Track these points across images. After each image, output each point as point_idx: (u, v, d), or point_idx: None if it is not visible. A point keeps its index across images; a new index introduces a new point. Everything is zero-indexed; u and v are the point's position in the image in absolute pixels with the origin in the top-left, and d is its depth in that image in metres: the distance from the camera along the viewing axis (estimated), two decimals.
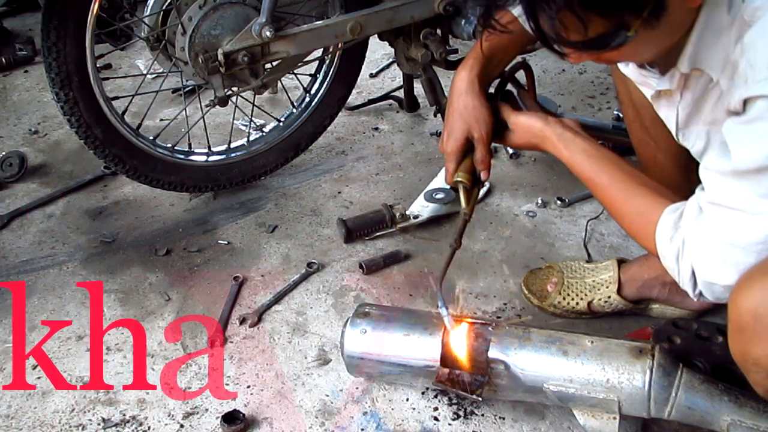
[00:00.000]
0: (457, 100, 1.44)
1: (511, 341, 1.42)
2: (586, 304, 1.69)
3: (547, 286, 1.75)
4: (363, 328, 1.48)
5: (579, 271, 1.74)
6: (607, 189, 1.29)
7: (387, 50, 2.90)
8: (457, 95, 1.44)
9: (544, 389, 1.38)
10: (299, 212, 2.15)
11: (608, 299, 1.68)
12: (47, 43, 1.74)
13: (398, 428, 1.49)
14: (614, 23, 1.03)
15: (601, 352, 1.37)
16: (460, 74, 1.45)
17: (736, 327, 1.09)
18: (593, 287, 1.70)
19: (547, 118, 1.39)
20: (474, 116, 1.42)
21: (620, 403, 1.33)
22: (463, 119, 1.42)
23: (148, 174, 2.00)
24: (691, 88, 1.25)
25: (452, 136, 1.44)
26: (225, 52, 1.81)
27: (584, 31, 1.03)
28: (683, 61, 1.17)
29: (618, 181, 1.28)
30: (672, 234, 1.17)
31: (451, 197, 2.10)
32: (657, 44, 1.13)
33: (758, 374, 1.12)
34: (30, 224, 2.13)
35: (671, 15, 1.05)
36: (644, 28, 1.04)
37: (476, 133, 1.42)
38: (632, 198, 1.26)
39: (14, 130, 2.63)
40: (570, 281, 1.72)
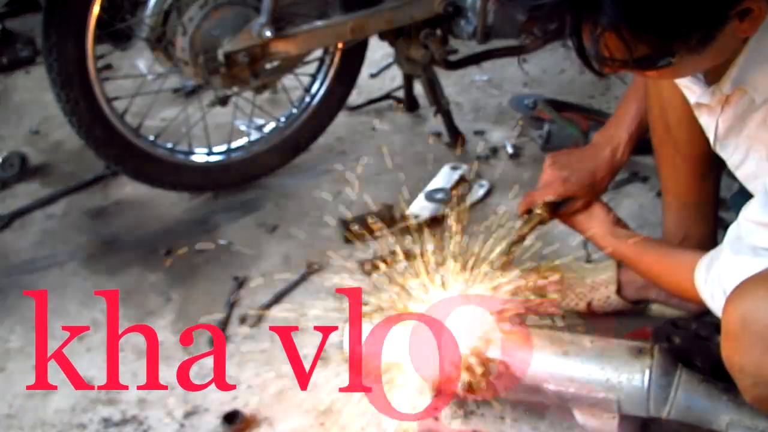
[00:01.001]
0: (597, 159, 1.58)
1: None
2: (586, 303, 1.69)
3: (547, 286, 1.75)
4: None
5: (578, 271, 1.74)
6: (650, 266, 1.45)
7: (387, 50, 2.89)
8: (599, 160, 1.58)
9: (543, 389, 1.38)
10: (299, 212, 2.15)
11: (607, 299, 1.68)
12: (48, 43, 1.74)
13: (398, 428, 1.49)
14: (660, 49, 1.03)
15: (601, 352, 1.37)
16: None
17: (725, 334, 1.12)
18: (592, 287, 1.69)
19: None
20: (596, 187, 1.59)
21: (619, 402, 1.33)
22: (586, 183, 1.57)
23: (148, 174, 2.01)
24: (733, 105, 1.25)
25: (571, 182, 1.56)
26: (225, 53, 1.82)
27: (629, 54, 1.03)
28: (727, 82, 1.18)
29: (657, 256, 1.43)
30: (705, 276, 1.25)
31: (451, 197, 2.10)
32: (699, 67, 1.15)
33: (744, 381, 1.14)
34: (31, 224, 2.13)
35: (719, 42, 1.05)
36: (689, 54, 1.05)
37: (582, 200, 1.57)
38: (672, 266, 1.38)
39: (15, 131, 2.63)
40: (569, 281, 1.72)
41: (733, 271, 1.16)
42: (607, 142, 1.58)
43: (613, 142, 1.58)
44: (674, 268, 1.36)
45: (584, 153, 1.60)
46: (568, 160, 1.58)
